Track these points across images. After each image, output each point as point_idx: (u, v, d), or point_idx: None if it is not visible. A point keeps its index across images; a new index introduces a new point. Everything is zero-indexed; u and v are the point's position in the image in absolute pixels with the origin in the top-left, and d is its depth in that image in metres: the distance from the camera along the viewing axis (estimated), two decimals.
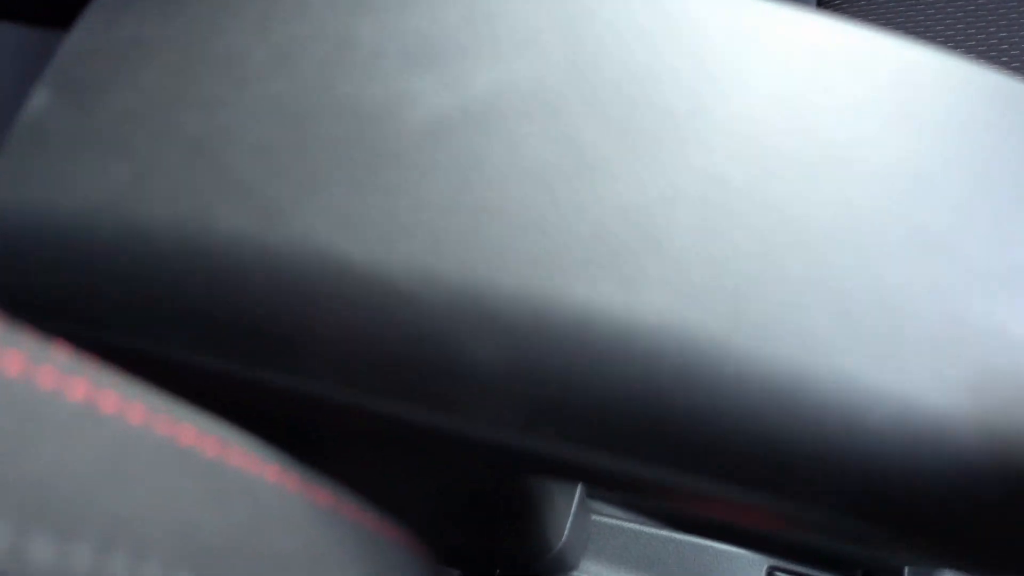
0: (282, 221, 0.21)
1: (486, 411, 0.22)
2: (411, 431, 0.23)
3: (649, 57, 0.23)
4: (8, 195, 0.23)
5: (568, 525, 0.47)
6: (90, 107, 0.23)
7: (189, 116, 0.22)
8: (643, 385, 0.20)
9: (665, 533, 0.54)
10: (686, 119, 0.22)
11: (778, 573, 0.53)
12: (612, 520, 0.55)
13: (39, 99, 0.24)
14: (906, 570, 0.52)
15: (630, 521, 0.54)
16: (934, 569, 0.51)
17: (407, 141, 0.22)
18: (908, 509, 0.21)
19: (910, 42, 0.25)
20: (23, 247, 0.23)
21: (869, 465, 0.20)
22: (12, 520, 0.11)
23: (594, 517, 0.55)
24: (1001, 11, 0.54)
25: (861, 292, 0.20)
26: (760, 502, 0.22)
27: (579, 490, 0.47)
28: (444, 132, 0.22)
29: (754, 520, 0.24)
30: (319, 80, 0.23)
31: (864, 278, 0.20)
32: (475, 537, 0.44)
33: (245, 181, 0.21)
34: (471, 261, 0.20)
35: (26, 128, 0.23)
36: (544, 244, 0.20)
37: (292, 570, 0.18)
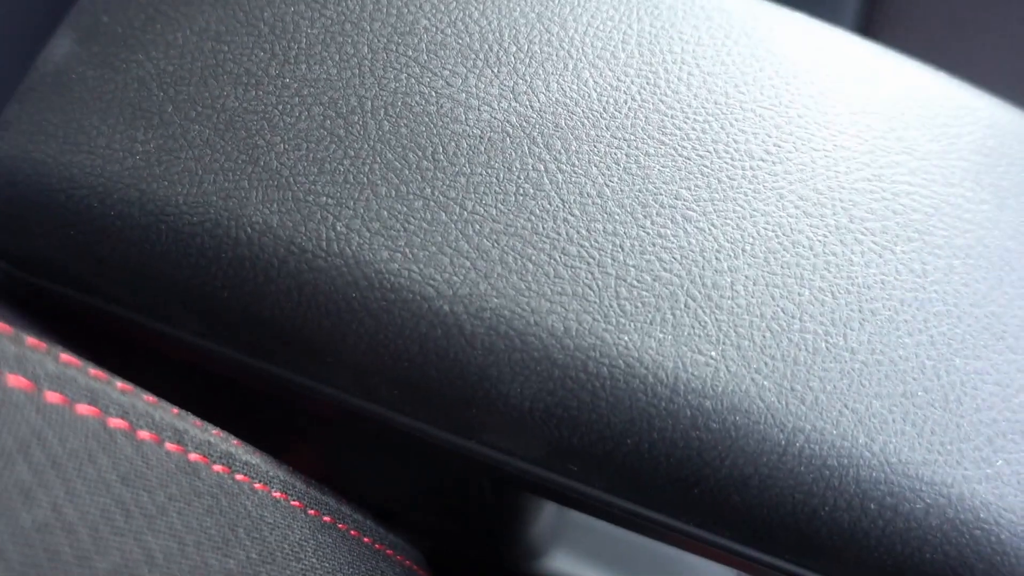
0: (318, 220, 0.19)
1: (507, 443, 0.20)
2: (418, 443, 0.22)
3: (731, 91, 0.21)
4: (23, 147, 0.21)
5: (541, 516, 0.46)
6: (118, 64, 0.21)
7: (225, 89, 0.21)
8: (684, 444, 0.19)
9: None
10: (761, 164, 0.20)
11: None
12: (585, 516, 0.54)
13: (61, 45, 0.22)
14: None
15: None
16: None
17: (459, 148, 0.20)
18: None
19: (996, 100, 0.24)
20: (34, 204, 0.21)
21: (905, 552, 0.19)
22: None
23: (567, 511, 0.55)
24: None
25: (924, 377, 0.19)
26: (782, 567, 0.21)
27: None
28: (500, 143, 0.20)
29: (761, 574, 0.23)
30: (371, 68, 0.21)
31: (929, 362, 0.19)
32: (445, 521, 0.43)
33: (281, 170, 0.20)
34: (519, 293, 0.19)
35: (46, 76, 0.21)
36: (598, 282, 0.19)
37: None
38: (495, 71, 0.21)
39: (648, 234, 0.19)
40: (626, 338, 0.19)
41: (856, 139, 0.21)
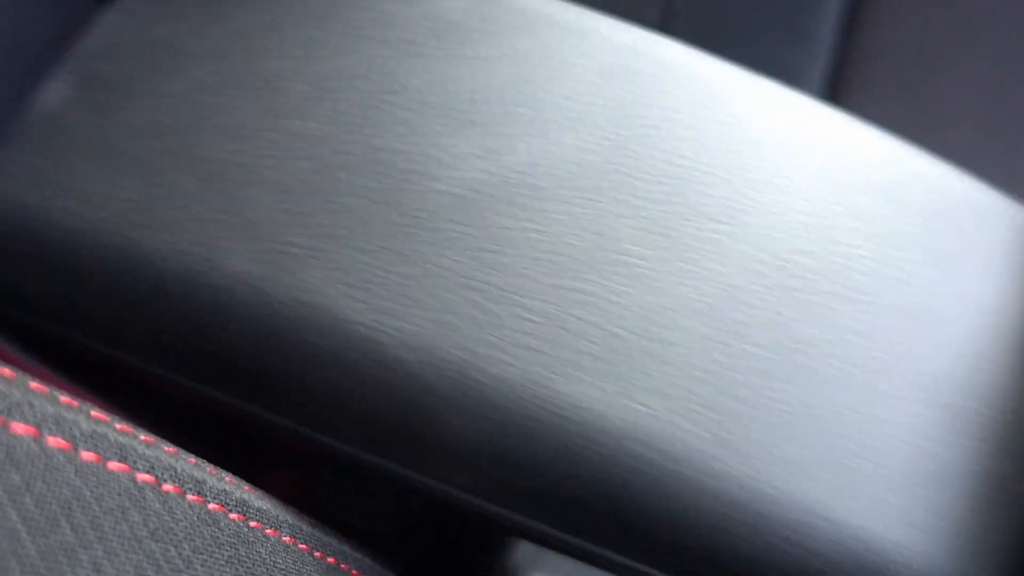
0: (288, 274, 0.20)
1: (458, 480, 0.21)
2: (377, 473, 0.23)
3: (694, 155, 0.22)
4: (13, 188, 0.22)
5: (516, 546, 0.47)
6: (110, 111, 0.22)
7: (212, 141, 0.22)
8: (623, 488, 0.20)
9: None
10: (721, 226, 0.22)
11: None
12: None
13: (56, 90, 0.23)
14: None
15: None
16: None
17: (434, 205, 0.21)
18: None
19: (947, 166, 0.25)
20: (19, 244, 0.22)
21: None
22: None
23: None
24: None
25: (848, 428, 0.20)
26: None
27: None
28: (474, 201, 0.21)
29: None
30: (357, 125, 0.22)
31: (855, 415, 0.20)
32: (415, 541, 0.44)
33: (259, 222, 0.21)
34: (473, 342, 0.20)
35: (40, 120, 0.22)
36: (550, 335, 0.20)
37: None
38: (475, 131, 0.22)
39: (606, 291, 0.21)
40: (574, 388, 0.20)
41: (811, 204, 0.22)
